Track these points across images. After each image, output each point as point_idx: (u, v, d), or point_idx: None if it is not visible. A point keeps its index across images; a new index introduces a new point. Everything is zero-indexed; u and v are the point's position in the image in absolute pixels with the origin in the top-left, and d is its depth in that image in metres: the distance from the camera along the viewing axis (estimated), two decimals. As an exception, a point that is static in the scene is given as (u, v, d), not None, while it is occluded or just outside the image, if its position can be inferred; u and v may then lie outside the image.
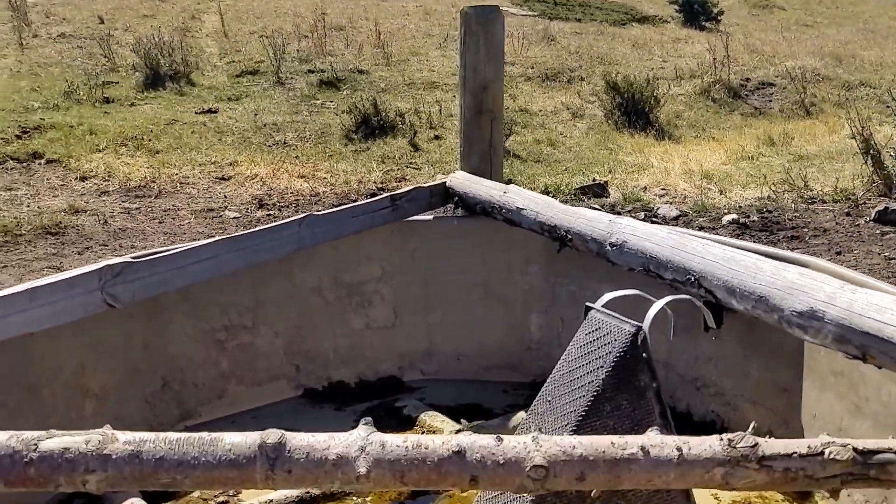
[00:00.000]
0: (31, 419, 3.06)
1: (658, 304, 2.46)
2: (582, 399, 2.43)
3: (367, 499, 3.13)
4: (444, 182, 4.06)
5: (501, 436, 1.75)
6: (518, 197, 3.57)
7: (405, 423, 3.66)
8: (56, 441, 1.69)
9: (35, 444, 1.67)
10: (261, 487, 1.72)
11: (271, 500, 3.02)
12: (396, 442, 1.73)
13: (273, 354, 3.93)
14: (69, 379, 3.33)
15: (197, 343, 3.74)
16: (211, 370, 3.79)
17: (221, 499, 3.14)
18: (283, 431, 1.73)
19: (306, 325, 3.98)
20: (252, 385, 3.89)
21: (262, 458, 1.69)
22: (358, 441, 1.72)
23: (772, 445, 1.71)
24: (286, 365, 3.96)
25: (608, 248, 2.97)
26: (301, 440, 1.72)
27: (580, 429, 2.40)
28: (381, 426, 1.80)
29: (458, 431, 3.48)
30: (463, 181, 3.96)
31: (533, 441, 1.74)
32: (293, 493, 3.05)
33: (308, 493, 3.07)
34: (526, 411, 3.61)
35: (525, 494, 2.37)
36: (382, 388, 4.06)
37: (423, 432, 3.59)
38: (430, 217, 4.12)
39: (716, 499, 3.08)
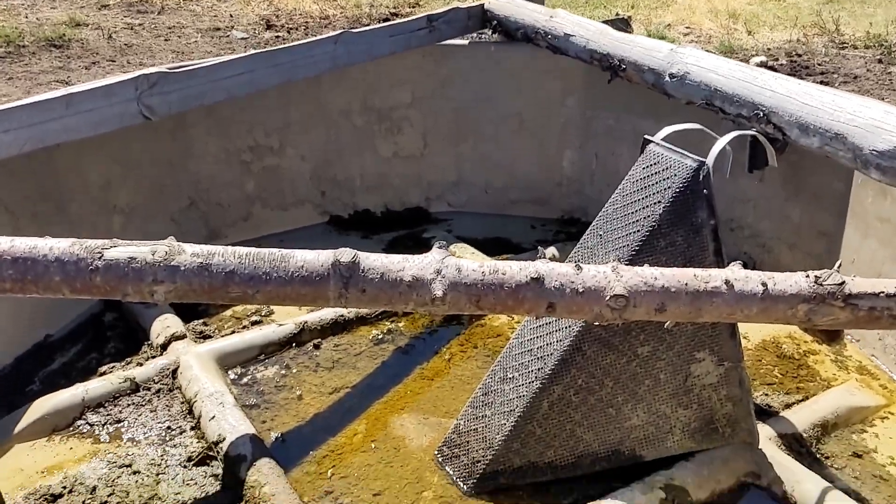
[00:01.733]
0: (60, 232, 2.98)
1: (724, 140, 2.36)
2: (636, 234, 2.37)
3: (400, 324, 3.14)
4: (483, 4, 3.83)
5: (581, 264, 1.71)
6: (566, 22, 3.37)
7: (433, 253, 3.62)
8: (121, 250, 1.63)
9: (100, 253, 1.61)
10: (333, 306, 1.68)
11: (306, 322, 3.02)
12: (472, 266, 1.69)
13: (299, 178, 3.85)
14: (96, 194, 3.25)
15: (222, 163, 3.65)
16: (237, 191, 3.72)
17: (255, 318, 3.15)
18: (356, 251, 1.67)
19: (333, 150, 3.87)
20: (278, 209, 3.83)
21: (335, 276, 1.64)
22: (433, 264, 1.67)
23: (858, 284, 1.67)
24: (312, 190, 3.89)
25: (667, 79, 2.82)
26: (375, 261, 1.67)
27: (632, 264, 2.35)
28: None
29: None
30: (504, 4, 3.73)
31: (613, 271, 1.69)
32: (328, 314, 3.05)
33: (342, 316, 3.07)
34: (556, 247, 3.60)
35: (571, 326, 2.36)
36: (409, 218, 4.02)
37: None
38: (466, 42, 3.91)
39: (744, 337, 3.11)
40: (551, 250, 3.59)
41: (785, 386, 2.85)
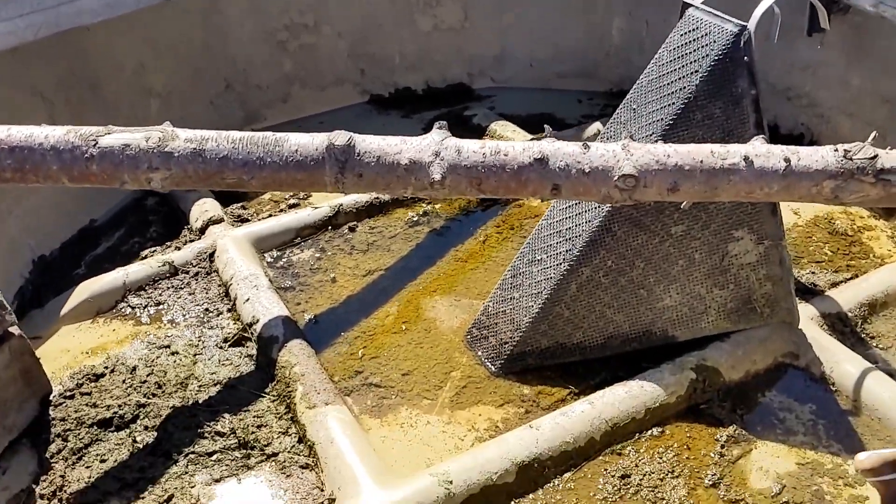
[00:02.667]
0: (97, 118, 2.98)
1: (768, 1, 2.17)
2: (671, 107, 2.23)
3: (437, 206, 3.10)
4: None
5: (588, 143, 1.61)
6: None
7: (474, 133, 3.53)
8: (115, 137, 1.60)
9: (95, 140, 1.59)
10: (330, 191, 1.64)
11: (341, 204, 3.00)
12: (473, 148, 1.61)
13: (337, 57, 3.75)
14: (130, 78, 3.23)
15: (257, 43, 3.57)
16: (274, 72, 3.65)
17: (292, 201, 3.14)
18: (351, 133, 1.61)
19: (371, 26, 3.74)
20: (316, 89, 3.76)
21: (330, 160, 1.59)
22: (432, 146, 1.60)
23: (893, 157, 1.53)
24: (351, 68, 3.80)
25: (713, -65, 2.59)
26: (371, 143, 1.61)
27: (666, 138, 2.23)
28: (450, 133, 1.66)
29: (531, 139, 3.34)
30: None
31: (623, 149, 1.59)
32: (363, 197, 3.03)
33: (378, 198, 3.04)
34: (602, 122, 3.45)
35: (601, 206, 2.28)
36: (451, 95, 3.91)
37: (493, 140, 3.46)
38: None
39: (795, 213, 2.97)
40: (596, 126, 3.45)
41: (834, 263, 2.72)
